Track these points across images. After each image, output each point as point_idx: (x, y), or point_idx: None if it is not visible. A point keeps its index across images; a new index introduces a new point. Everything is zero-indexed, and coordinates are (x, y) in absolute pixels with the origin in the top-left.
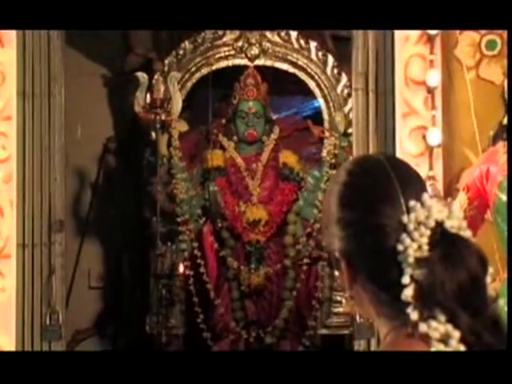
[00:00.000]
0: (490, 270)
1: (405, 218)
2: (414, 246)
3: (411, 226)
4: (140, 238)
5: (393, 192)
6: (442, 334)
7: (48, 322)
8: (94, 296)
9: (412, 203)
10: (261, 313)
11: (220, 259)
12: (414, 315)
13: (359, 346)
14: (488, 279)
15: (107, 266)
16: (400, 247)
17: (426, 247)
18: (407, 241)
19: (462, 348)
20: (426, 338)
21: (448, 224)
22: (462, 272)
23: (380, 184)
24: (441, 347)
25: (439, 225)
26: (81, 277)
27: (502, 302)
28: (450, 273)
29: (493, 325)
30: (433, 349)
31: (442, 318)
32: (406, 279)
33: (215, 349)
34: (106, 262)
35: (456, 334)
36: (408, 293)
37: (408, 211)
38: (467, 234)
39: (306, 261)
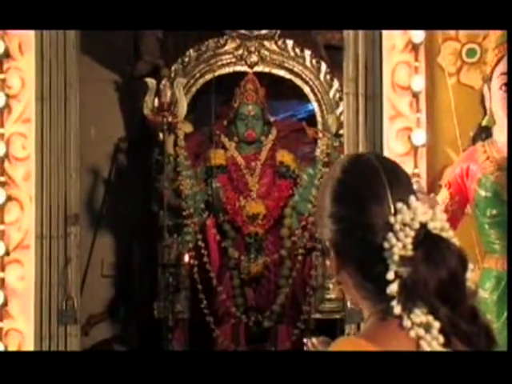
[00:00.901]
0: (470, 266)
1: (392, 219)
2: (400, 245)
3: (397, 227)
4: (148, 230)
5: (382, 193)
6: (423, 324)
7: (64, 308)
8: (106, 283)
9: (399, 205)
10: (259, 299)
11: (222, 250)
12: (397, 309)
13: (350, 329)
14: (468, 274)
15: (118, 256)
16: (386, 245)
17: (410, 246)
18: (393, 240)
19: (441, 338)
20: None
21: (431, 225)
22: (443, 270)
23: (371, 185)
24: (421, 332)
25: (423, 226)
26: (94, 266)
27: (482, 293)
28: (432, 271)
29: (471, 316)
30: (412, 333)
31: (424, 310)
32: (390, 275)
33: (217, 332)
34: (118, 253)
35: (436, 324)
36: (393, 288)
37: (395, 213)
38: (449, 234)
39: (300, 251)
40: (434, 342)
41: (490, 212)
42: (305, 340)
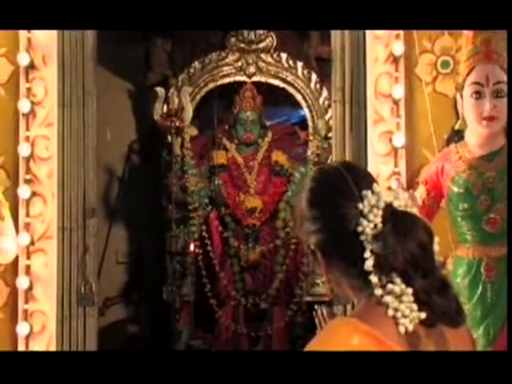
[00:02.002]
0: (436, 239)
1: (360, 205)
2: (371, 225)
3: (366, 210)
4: (158, 222)
5: (348, 187)
6: (397, 295)
7: (83, 291)
8: (121, 270)
9: (364, 192)
10: (257, 283)
11: (224, 240)
12: (374, 279)
13: (337, 310)
14: (435, 247)
15: (131, 245)
16: (360, 229)
17: (380, 225)
18: (364, 222)
19: (415, 306)
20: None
21: (396, 204)
22: (412, 241)
23: (336, 183)
24: (395, 304)
25: (388, 205)
26: (109, 254)
27: (455, 279)
28: (401, 242)
29: (441, 287)
30: (390, 311)
31: (398, 280)
32: (367, 253)
33: (219, 313)
34: (130, 242)
35: (409, 290)
36: (369, 263)
37: (362, 199)
38: (414, 211)
39: (293, 241)
40: (407, 311)
41: (462, 206)
42: (316, 307)
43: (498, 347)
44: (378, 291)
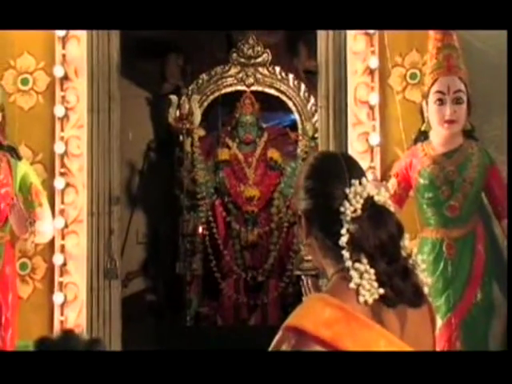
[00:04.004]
0: (406, 235)
1: (347, 190)
2: (352, 208)
3: (351, 196)
4: (172, 209)
5: (341, 172)
6: (361, 272)
7: (108, 267)
8: (141, 248)
9: (353, 181)
10: (255, 260)
11: (227, 223)
12: (346, 254)
13: (322, 282)
14: (405, 242)
15: (149, 228)
16: (342, 209)
17: (359, 211)
18: (347, 205)
19: (375, 284)
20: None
21: (376, 198)
22: (383, 231)
23: (333, 166)
24: (357, 280)
25: (370, 198)
26: (131, 235)
27: (421, 256)
28: (374, 230)
29: (403, 273)
30: (352, 284)
31: (365, 260)
32: (343, 231)
33: (223, 285)
34: (149, 225)
35: (372, 271)
36: (344, 239)
37: (350, 186)
38: (391, 209)
39: (285, 225)
40: (367, 285)
41: (427, 195)
42: (303, 277)
43: (457, 314)
44: (348, 263)
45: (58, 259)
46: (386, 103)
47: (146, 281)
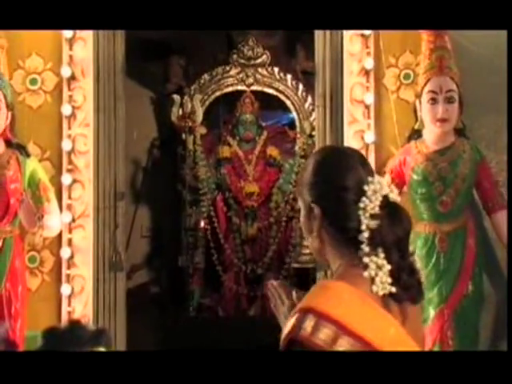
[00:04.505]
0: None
1: (366, 187)
2: (372, 205)
3: (370, 193)
4: (175, 204)
5: (356, 167)
6: (377, 265)
7: (114, 259)
8: (145, 242)
9: (370, 179)
10: (254, 253)
11: (228, 218)
12: (366, 249)
13: (320, 275)
14: (411, 237)
15: (153, 222)
16: (361, 205)
17: (377, 208)
18: (367, 201)
19: (389, 280)
20: (364, 268)
21: (390, 196)
22: (400, 227)
23: (348, 161)
24: (372, 273)
25: (386, 196)
26: (136, 229)
27: (415, 249)
28: (392, 226)
29: (410, 269)
30: (365, 273)
31: (382, 255)
32: (363, 227)
33: (224, 277)
34: (153, 220)
35: (388, 266)
36: (364, 235)
37: (367, 183)
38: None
39: (284, 219)
40: (384, 278)
41: (420, 191)
42: (265, 283)
43: (449, 305)
44: (366, 259)
45: (65, 252)
46: (380, 102)
47: (149, 273)
